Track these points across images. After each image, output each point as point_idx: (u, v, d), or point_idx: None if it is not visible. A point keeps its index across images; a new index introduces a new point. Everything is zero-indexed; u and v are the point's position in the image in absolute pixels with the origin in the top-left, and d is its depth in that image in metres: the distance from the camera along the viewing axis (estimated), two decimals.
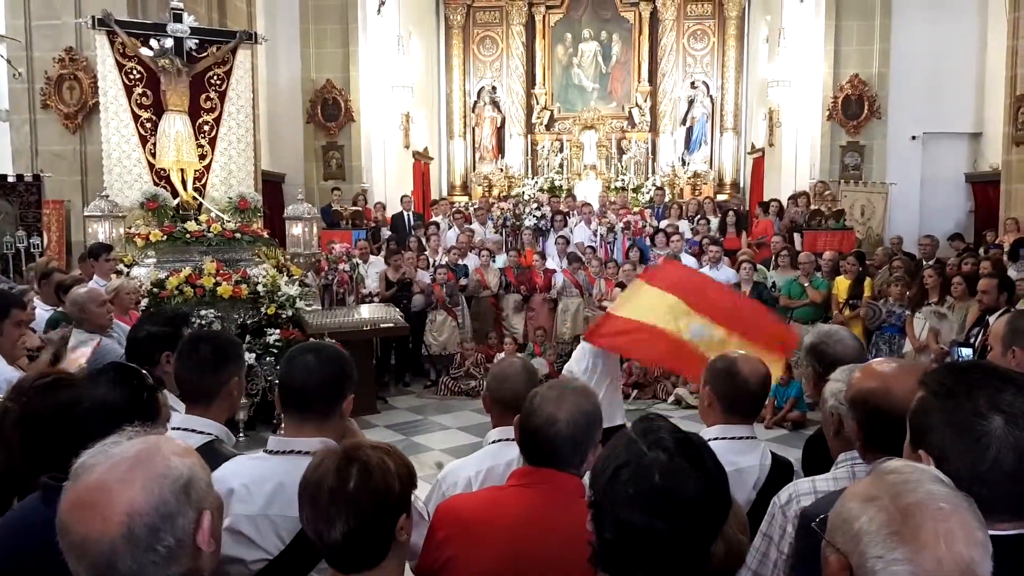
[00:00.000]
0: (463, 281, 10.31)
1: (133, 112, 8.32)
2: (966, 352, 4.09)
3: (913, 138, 12.86)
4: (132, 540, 1.26)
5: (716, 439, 2.55)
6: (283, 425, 2.35)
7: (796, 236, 11.22)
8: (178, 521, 1.30)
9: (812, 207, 11.68)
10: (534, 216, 12.61)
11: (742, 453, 2.55)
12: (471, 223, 12.64)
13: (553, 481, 2.04)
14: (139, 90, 8.33)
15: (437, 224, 12.32)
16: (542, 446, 2.06)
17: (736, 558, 1.56)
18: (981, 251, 9.85)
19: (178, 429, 2.41)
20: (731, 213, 12.17)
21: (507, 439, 2.53)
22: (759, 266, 9.91)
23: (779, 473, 2.58)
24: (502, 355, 8.82)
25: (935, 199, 12.84)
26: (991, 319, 5.49)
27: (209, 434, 2.47)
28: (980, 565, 1.16)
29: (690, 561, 1.38)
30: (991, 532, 1.21)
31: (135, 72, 8.31)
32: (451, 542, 2.01)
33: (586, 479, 1.61)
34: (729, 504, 1.40)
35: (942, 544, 1.15)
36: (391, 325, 8.54)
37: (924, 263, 9.13)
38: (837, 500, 1.31)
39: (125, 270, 7.58)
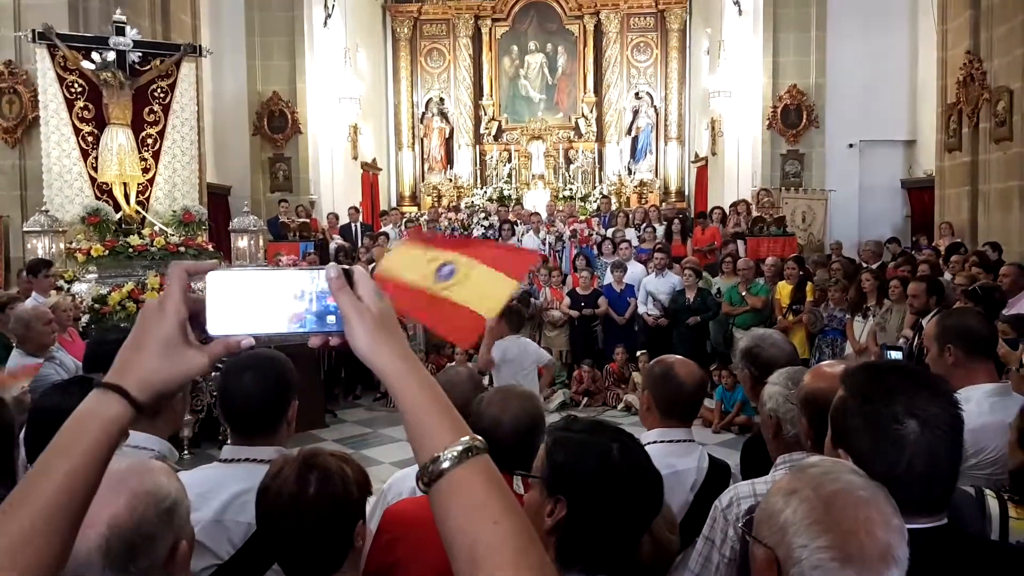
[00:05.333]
0: None
1: (74, 126, 8.19)
2: (895, 355, 4.21)
3: (850, 146, 13.21)
4: (108, 554, 1.23)
5: (655, 442, 2.62)
6: (230, 438, 2.36)
7: (740, 243, 11.46)
8: (157, 544, 1.27)
9: (754, 214, 11.93)
10: (483, 225, 12.66)
11: (680, 455, 2.61)
12: None
13: None
14: (80, 103, 8.19)
15: (387, 235, 12.30)
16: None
17: (664, 556, 1.60)
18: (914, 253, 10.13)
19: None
20: (676, 221, 12.36)
21: None
22: (704, 273, 10.08)
23: (716, 475, 2.63)
24: (452, 364, 8.82)
25: (873, 205, 13.20)
26: (924, 322, 5.63)
27: (152, 450, 2.44)
28: (897, 549, 1.22)
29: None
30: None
31: (76, 85, 8.17)
32: (397, 545, 2.03)
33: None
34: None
35: (862, 530, 1.21)
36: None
37: (863, 266, 9.34)
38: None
39: (65, 286, 7.43)
